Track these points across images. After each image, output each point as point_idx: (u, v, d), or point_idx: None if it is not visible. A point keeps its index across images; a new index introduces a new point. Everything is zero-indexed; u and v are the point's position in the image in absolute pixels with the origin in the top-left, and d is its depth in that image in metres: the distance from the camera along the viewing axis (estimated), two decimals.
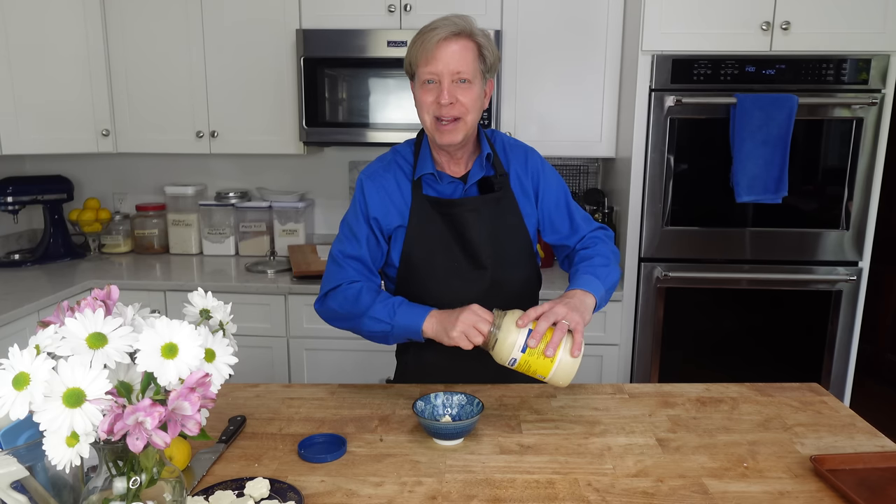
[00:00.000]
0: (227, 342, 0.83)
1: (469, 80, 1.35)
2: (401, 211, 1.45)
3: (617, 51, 2.52)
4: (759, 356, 2.43)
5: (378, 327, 1.36)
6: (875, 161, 2.29)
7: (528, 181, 1.49)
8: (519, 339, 1.21)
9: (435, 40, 1.31)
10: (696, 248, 2.37)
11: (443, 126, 1.36)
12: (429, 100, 1.35)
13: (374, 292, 1.40)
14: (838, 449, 1.20)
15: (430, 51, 1.32)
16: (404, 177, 1.47)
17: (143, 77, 2.65)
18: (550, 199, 1.51)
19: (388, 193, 1.46)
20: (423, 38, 1.34)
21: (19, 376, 0.71)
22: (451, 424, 1.19)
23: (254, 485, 1.03)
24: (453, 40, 1.32)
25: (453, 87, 1.34)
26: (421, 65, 1.34)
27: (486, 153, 1.44)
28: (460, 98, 1.34)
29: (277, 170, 3.01)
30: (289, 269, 2.62)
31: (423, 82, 1.36)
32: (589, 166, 2.93)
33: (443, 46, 1.32)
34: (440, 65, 1.32)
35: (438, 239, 1.44)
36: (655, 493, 1.05)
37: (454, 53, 1.32)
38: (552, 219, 1.52)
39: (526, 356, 1.21)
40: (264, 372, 2.48)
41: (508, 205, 1.47)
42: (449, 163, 1.46)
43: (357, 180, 1.49)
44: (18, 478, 0.82)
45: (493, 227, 1.45)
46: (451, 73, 1.33)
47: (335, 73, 2.52)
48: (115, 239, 2.96)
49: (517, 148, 1.52)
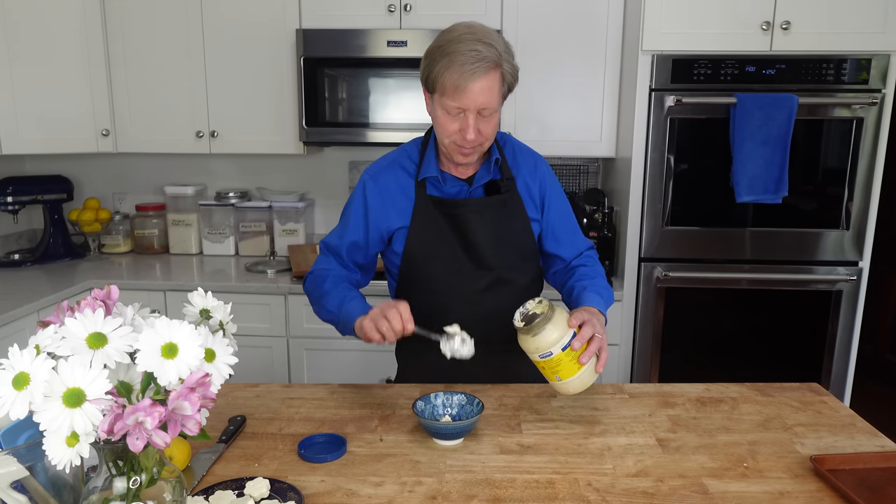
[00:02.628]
0: (227, 342, 0.83)
1: (493, 108, 1.33)
2: (403, 211, 1.45)
3: (617, 51, 2.52)
4: (759, 356, 2.43)
5: (328, 316, 1.42)
6: (875, 161, 2.29)
7: (536, 188, 1.50)
8: (565, 338, 1.22)
9: (469, 78, 1.26)
10: (696, 248, 2.37)
11: (464, 150, 1.36)
12: (452, 127, 1.33)
13: (338, 281, 1.44)
14: (838, 449, 1.20)
15: (462, 87, 1.27)
16: (408, 176, 1.47)
17: (143, 77, 2.65)
18: (556, 209, 1.52)
19: (389, 194, 1.46)
20: (454, 67, 1.27)
21: (19, 376, 0.71)
22: (451, 424, 1.19)
23: (254, 485, 1.03)
24: (484, 76, 1.28)
25: (478, 120, 1.32)
26: (448, 96, 1.30)
27: (494, 157, 1.44)
28: (483, 129, 1.33)
29: (277, 170, 3.01)
30: (289, 269, 2.62)
31: (445, 109, 1.33)
32: (589, 166, 2.93)
33: (477, 83, 1.27)
34: (469, 102, 1.29)
35: (441, 239, 1.44)
36: (655, 493, 1.05)
37: (483, 90, 1.29)
38: (555, 229, 1.53)
39: (562, 355, 1.22)
40: (264, 372, 2.47)
41: (515, 208, 1.47)
42: (457, 166, 1.46)
43: (360, 178, 1.50)
44: (18, 478, 0.82)
45: (497, 229, 1.45)
46: (478, 107, 1.30)
47: (335, 73, 2.52)
48: (115, 239, 2.96)
49: (527, 154, 1.53)
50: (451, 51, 1.28)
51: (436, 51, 1.31)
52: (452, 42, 1.29)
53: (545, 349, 1.22)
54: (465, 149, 1.36)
